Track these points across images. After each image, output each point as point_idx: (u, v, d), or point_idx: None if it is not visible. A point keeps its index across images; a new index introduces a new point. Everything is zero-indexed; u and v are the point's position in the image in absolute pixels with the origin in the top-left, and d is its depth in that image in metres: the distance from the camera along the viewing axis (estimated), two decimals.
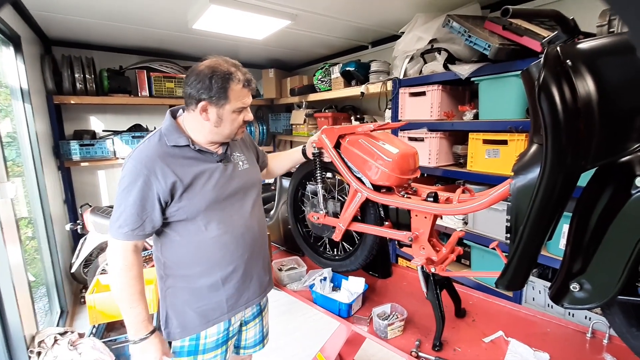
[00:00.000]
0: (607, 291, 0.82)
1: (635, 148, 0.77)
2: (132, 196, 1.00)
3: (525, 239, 0.80)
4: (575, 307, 0.89)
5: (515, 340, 1.15)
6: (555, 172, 0.73)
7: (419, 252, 1.19)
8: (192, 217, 1.08)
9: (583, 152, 0.75)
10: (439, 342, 1.12)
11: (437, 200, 1.16)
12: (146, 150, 1.05)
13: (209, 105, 1.04)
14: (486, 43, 1.60)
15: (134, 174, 1.00)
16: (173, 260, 1.13)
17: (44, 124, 2.75)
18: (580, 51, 0.77)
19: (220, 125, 1.08)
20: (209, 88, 1.01)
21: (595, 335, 1.17)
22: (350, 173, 1.34)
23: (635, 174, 0.75)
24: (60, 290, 2.60)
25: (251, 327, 1.37)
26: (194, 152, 1.10)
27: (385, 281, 1.62)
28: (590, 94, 0.75)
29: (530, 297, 1.76)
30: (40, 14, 2.41)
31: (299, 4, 2.22)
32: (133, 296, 1.04)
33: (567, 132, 0.72)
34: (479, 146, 1.90)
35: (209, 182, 1.10)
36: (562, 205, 0.84)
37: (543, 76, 0.72)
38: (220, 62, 1.05)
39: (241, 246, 1.18)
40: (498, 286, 0.90)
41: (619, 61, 0.75)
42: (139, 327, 1.06)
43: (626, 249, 0.78)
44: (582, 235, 0.86)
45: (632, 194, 0.76)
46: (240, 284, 1.20)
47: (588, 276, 0.85)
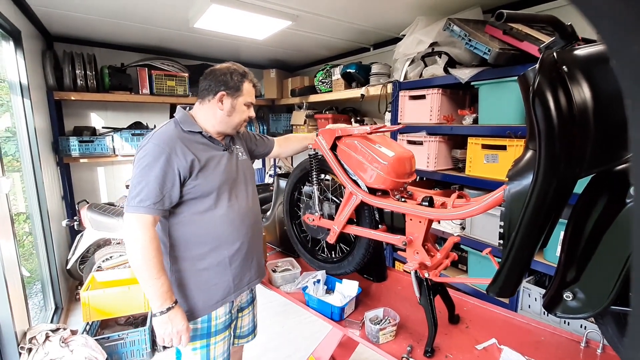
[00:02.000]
0: (600, 301, 0.81)
1: (630, 156, 0.76)
2: (154, 172, 1.07)
3: (517, 246, 0.79)
4: (568, 317, 0.88)
5: (508, 348, 1.13)
6: (548, 179, 0.72)
7: (412, 257, 1.17)
8: (205, 195, 1.18)
9: (577, 159, 0.74)
10: (431, 348, 1.11)
11: (432, 205, 1.15)
12: (166, 132, 1.15)
13: (225, 95, 1.20)
14: (486, 47, 1.59)
15: (157, 152, 1.09)
16: (182, 241, 1.19)
17: (43, 120, 2.75)
18: (577, 57, 0.76)
19: (231, 115, 1.23)
20: (227, 82, 1.19)
21: (590, 344, 1.16)
22: (346, 175, 1.33)
23: (631, 183, 0.74)
24: (55, 286, 2.60)
25: (246, 315, 1.46)
26: (205, 139, 1.23)
27: (380, 285, 1.61)
28: (585, 101, 0.74)
29: (526, 304, 1.74)
30: (42, 9, 2.41)
31: (300, 5, 2.21)
32: (156, 267, 1.08)
33: (561, 139, 0.71)
34: (478, 151, 1.89)
35: (219, 165, 1.22)
36: (556, 213, 0.83)
37: (538, 81, 0.71)
38: (236, 65, 1.26)
39: (245, 224, 1.28)
40: (489, 293, 0.89)
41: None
42: (165, 297, 1.09)
43: (620, 259, 0.77)
44: (576, 244, 0.85)
45: (627, 203, 0.75)
46: (244, 262, 1.29)
47: (581, 285, 0.84)
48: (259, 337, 2.44)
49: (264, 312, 2.79)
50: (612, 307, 0.82)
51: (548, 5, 1.93)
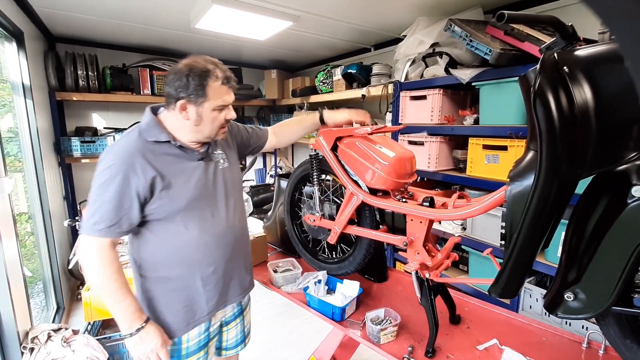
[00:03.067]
0: (601, 302, 0.81)
1: (632, 157, 0.76)
2: (109, 192, 0.97)
3: (519, 246, 0.79)
4: (569, 317, 0.88)
5: (510, 349, 1.13)
6: (550, 180, 0.72)
7: (413, 257, 1.17)
8: (172, 215, 1.06)
9: (578, 160, 0.74)
10: (432, 349, 1.11)
11: (433, 205, 1.15)
12: (125, 145, 1.02)
13: (188, 103, 1.02)
14: (487, 48, 1.59)
15: (114, 170, 0.98)
16: (150, 262, 1.09)
17: (45, 120, 2.76)
18: (578, 58, 0.76)
19: (200, 124, 1.06)
20: (186, 86, 1.00)
21: (591, 345, 1.15)
22: (347, 176, 1.33)
23: (632, 183, 0.74)
24: (57, 286, 2.60)
25: (232, 328, 1.33)
26: (175, 149, 1.08)
27: (381, 285, 1.61)
28: (587, 102, 0.74)
29: (527, 304, 1.74)
30: (45, 10, 2.42)
31: (302, 6, 2.22)
32: (120, 289, 1.01)
33: (563, 140, 0.71)
34: (479, 151, 1.89)
35: (191, 180, 1.08)
36: (557, 213, 0.83)
37: (539, 82, 0.71)
38: (198, 60, 1.03)
39: (222, 246, 1.16)
40: (491, 294, 0.89)
41: (617, 69, 0.74)
42: (133, 317, 1.03)
43: (621, 259, 0.77)
44: (577, 244, 0.85)
45: (629, 204, 0.75)
46: (221, 284, 1.18)
47: (583, 286, 0.83)
48: (260, 337, 2.46)
49: (264, 313, 2.80)
50: (613, 307, 0.82)
51: (549, 5, 1.92)
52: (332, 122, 1.44)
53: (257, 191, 3.44)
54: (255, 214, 2.97)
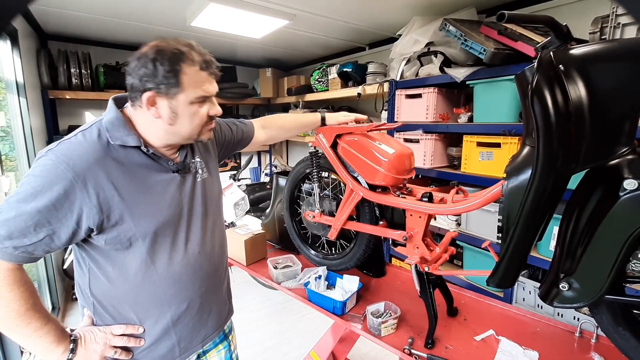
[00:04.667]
0: (595, 291, 0.84)
1: (623, 151, 0.80)
2: (37, 203, 0.72)
3: (516, 239, 0.83)
4: (564, 306, 0.91)
5: (506, 339, 1.17)
6: (546, 174, 0.75)
7: (413, 251, 1.20)
8: (137, 244, 0.84)
9: (573, 155, 0.77)
10: (432, 340, 1.14)
11: (431, 201, 1.17)
12: (79, 147, 0.78)
13: (157, 96, 0.79)
14: (481, 47, 1.62)
15: (53, 175, 0.74)
16: (108, 301, 0.88)
17: (38, 119, 2.72)
18: (573, 56, 0.79)
19: (175, 123, 0.83)
20: (153, 74, 0.77)
21: (584, 334, 1.20)
22: (347, 172, 1.35)
23: (624, 177, 0.78)
24: (52, 286, 2.58)
25: (213, 355, 1.12)
26: (144, 158, 0.86)
27: (379, 280, 1.64)
28: (581, 99, 0.77)
29: (520, 297, 1.79)
30: (38, 7, 2.39)
31: (298, 4, 2.23)
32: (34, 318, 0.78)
33: (559, 136, 0.75)
34: (473, 148, 1.93)
35: (162, 199, 0.87)
36: (553, 207, 0.86)
37: (536, 80, 0.74)
38: (168, 41, 0.81)
39: (199, 278, 0.96)
40: (489, 284, 0.92)
41: (610, 67, 0.78)
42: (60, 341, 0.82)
43: (614, 250, 0.80)
44: (572, 237, 0.88)
45: (620, 196, 0.79)
46: (196, 321, 0.98)
47: (577, 276, 0.87)
48: (258, 334, 2.47)
49: (262, 311, 2.81)
50: (606, 296, 0.86)
51: (542, 5, 1.97)
52: (334, 123, 1.43)
53: (252, 189, 3.44)
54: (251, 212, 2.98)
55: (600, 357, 1.07)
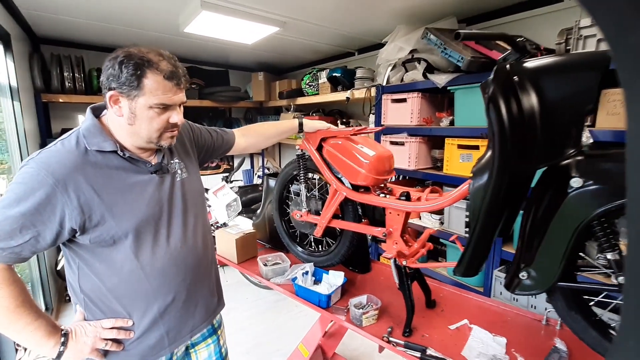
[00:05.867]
0: (549, 279, 0.94)
1: (571, 153, 0.89)
2: (21, 207, 0.79)
3: (478, 232, 0.92)
4: (524, 294, 1.00)
5: (478, 327, 1.26)
6: (501, 174, 0.85)
7: (392, 247, 1.29)
8: (120, 240, 0.90)
9: (526, 157, 0.87)
10: (409, 329, 1.23)
11: (409, 199, 1.26)
12: (58, 155, 0.85)
13: (120, 95, 0.86)
14: (459, 55, 1.73)
15: (35, 181, 0.80)
16: (97, 296, 0.94)
17: (31, 122, 2.76)
18: (527, 69, 0.89)
19: (134, 123, 0.89)
20: (117, 75, 0.84)
21: (550, 322, 1.30)
22: (331, 173, 1.44)
23: (571, 176, 0.88)
24: (45, 287, 2.61)
25: (202, 349, 1.18)
26: (122, 161, 0.92)
27: (365, 276, 1.72)
28: (533, 107, 0.87)
29: (498, 291, 1.89)
30: (31, 12, 2.44)
31: (288, 12, 2.32)
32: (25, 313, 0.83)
33: (512, 140, 0.84)
34: (454, 151, 2.03)
35: (141, 199, 0.93)
36: (511, 203, 0.95)
37: (492, 89, 0.84)
38: (141, 49, 0.88)
39: (182, 271, 1.01)
40: (456, 273, 1.01)
41: (558, 78, 0.87)
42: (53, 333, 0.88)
43: (564, 242, 0.90)
44: (530, 230, 0.98)
45: (569, 193, 0.88)
46: (183, 312, 1.04)
47: (534, 266, 0.96)
48: (250, 332, 2.54)
49: (254, 309, 2.88)
50: (560, 283, 0.96)
51: (518, 15, 2.08)
52: (310, 129, 1.47)
53: (245, 191, 3.51)
54: (244, 213, 3.05)
55: (562, 342, 1.17)
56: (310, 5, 2.17)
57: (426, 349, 1.14)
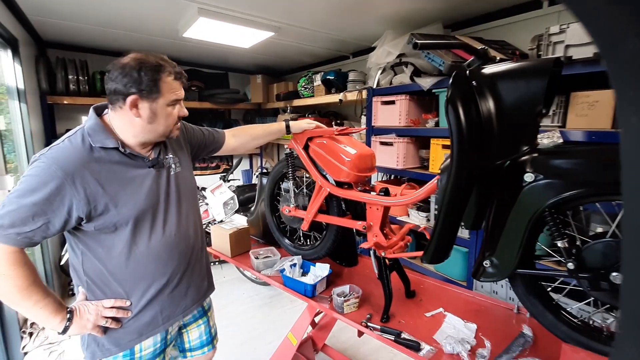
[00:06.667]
0: (508, 266, 1.03)
1: (526, 150, 0.98)
2: (34, 197, 0.88)
3: (442, 222, 1.01)
4: (488, 280, 1.09)
5: (452, 315, 1.35)
6: (459, 170, 0.94)
7: (372, 239, 1.38)
8: (121, 228, 1.01)
9: (483, 154, 0.96)
10: (387, 315, 1.32)
11: (388, 195, 1.36)
12: (66, 151, 0.94)
13: (140, 99, 0.96)
14: (441, 60, 1.82)
15: (46, 175, 0.89)
16: (99, 278, 1.04)
17: (37, 123, 2.88)
18: (483, 74, 0.99)
19: (154, 122, 1.01)
20: (138, 81, 0.94)
21: (521, 311, 1.38)
22: (317, 171, 1.53)
23: (525, 171, 0.96)
24: (49, 282, 2.72)
25: (194, 329, 1.31)
26: (122, 156, 1.01)
27: (351, 269, 1.81)
28: (490, 109, 0.96)
29: (479, 284, 1.97)
30: (37, 18, 2.55)
31: (282, 18, 2.42)
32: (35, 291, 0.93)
33: (469, 139, 0.93)
34: (439, 151, 2.12)
35: (140, 190, 1.03)
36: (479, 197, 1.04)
37: (450, 93, 0.93)
38: (147, 55, 0.99)
39: (175, 256, 1.12)
40: (423, 261, 1.10)
41: (512, 83, 0.96)
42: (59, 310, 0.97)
43: (520, 232, 0.99)
44: (492, 222, 1.07)
45: (523, 187, 0.97)
46: (176, 294, 1.15)
47: (496, 255, 1.05)
48: (244, 325, 2.63)
49: (249, 304, 2.97)
50: (519, 270, 1.04)
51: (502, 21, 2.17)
52: (297, 129, 1.56)
53: (242, 190, 3.61)
54: (241, 212, 3.14)
55: (529, 328, 1.25)
56: (302, 11, 2.27)
57: (401, 333, 1.22)
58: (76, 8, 2.33)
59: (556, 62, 0.93)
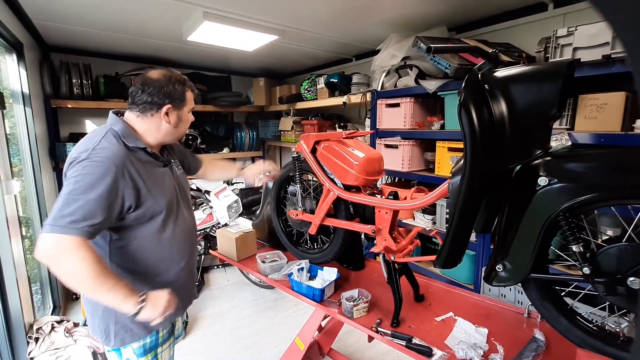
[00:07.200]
0: (522, 270, 1.02)
1: (539, 154, 0.98)
2: (97, 191, 0.97)
3: (455, 226, 1.00)
4: (500, 285, 1.08)
5: (462, 319, 1.34)
6: (473, 173, 0.93)
7: (381, 243, 1.37)
8: (155, 217, 1.13)
9: (495, 157, 0.95)
10: (397, 320, 1.31)
11: (397, 199, 1.35)
12: (112, 149, 1.05)
13: (172, 108, 1.15)
14: (447, 63, 1.81)
15: (101, 170, 0.99)
16: (128, 267, 1.13)
17: (41, 127, 2.88)
18: (496, 78, 0.98)
19: (178, 126, 1.20)
20: (171, 93, 1.13)
21: (531, 315, 1.37)
22: (325, 174, 1.53)
23: (539, 175, 0.96)
24: (53, 286, 2.71)
25: (179, 318, 1.45)
26: (147, 156, 1.15)
27: (358, 273, 1.80)
28: (503, 112, 0.96)
29: (487, 288, 1.96)
30: (42, 22, 2.56)
31: (286, 21, 2.42)
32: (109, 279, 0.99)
33: (482, 142, 0.93)
34: (445, 153, 2.11)
35: (165, 185, 1.18)
36: (490, 200, 1.04)
37: (463, 97, 0.92)
38: (173, 72, 1.17)
39: (188, 240, 1.28)
40: (436, 265, 1.09)
41: (524, 86, 0.96)
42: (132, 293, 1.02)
43: (534, 235, 0.98)
44: (505, 226, 1.06)
45: (536, 191, 0.97)
46: (189, 278, 1.31)
47: (509, 259, 1.04)
48: (251, 328, 2.62)
49: (254, 308, 2.95)
50: (532, 275, 1.04)
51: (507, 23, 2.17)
52: (248, 172, 1.72)
53: (246, 194, 3.60)
54: (245, 215, 3.14)
55: (541, 333, 1.24)
56: (307, 15, 2.28)
57: (412, 338, 1.21)
58: (81, 12, 2.33)
59: (569, 65, 0.93)
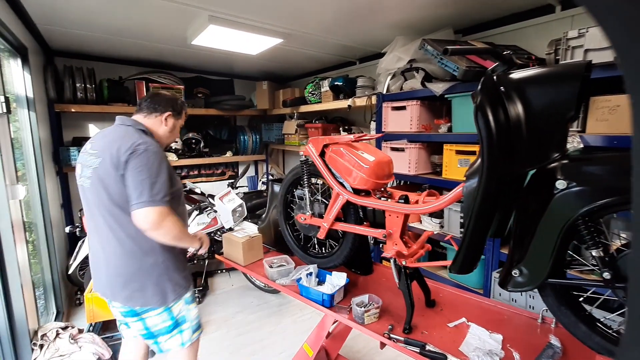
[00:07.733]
0: (540, 275, 1.00)
1: (556, 156, 0.96)
2: (163, 171, 1.31)
3: (470, 231, 0.98)
4: (517, 290, 1.06)
5: (475, 325, 1.32)
6: (490, 177, 0.91)
7: (392, 247, 1.35)
8: (178, 197, 1.48)
9: (513, 160, 0.93)
10: (409, 326, 1.29)
11: (407, 202, 1.33)
12: (153, 141, 1.38)
13: (171, 116, 1.51)
14: (455, 65, 1.80)
15: (159, 156, 1.33)
16: None
17: (45, 131, 2.87)
18: (512, 80, 0.97)
19: (171, 132, 1.54)
20: (174, 105, 1.52)
21: (545, 320, 1.35)
22: (333, 178, 1.51)
23: (556, 178, 0.94)
24: (57, 291, 2.69)
25: None
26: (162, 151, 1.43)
27: (367, 277, 1.78)
28: (519, 115, 0.94)
29: (497, 292, 1.93)
30: (46, 27, 2.56)
31: (291, 25, 2.41)
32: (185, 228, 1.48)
33: (499, 145, 0.91)
34: (453, 156, 2.10)
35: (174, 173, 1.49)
36: (504, 204, 1.02)
37: (479, 99, 0.91)
38: (178, 96, 1.70)
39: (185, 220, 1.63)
40: (451, 271, 1.07)
41: (541, 89, 0.95)
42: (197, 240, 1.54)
43: (552, 240, 0.96)
44: (521, 230, 1.04)
45: (555, 194, 0.95)
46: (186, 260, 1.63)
47: (526, 263, 1.02)
48: (255, 334, 2.59)
49: (259, 313, 2.93)
50: (550, 280, 1.01)
51: (513, 26, 2.16)
52: None
53: (249, 197, 3.58)
54: (249, 219, 3.12)
55: (557, 339, 1.21)
56: (312, 18, 2.27)
57: (425, 345, 1.19)
58: (86, 17, 2.33)
59: (587, 66, 0.92)
